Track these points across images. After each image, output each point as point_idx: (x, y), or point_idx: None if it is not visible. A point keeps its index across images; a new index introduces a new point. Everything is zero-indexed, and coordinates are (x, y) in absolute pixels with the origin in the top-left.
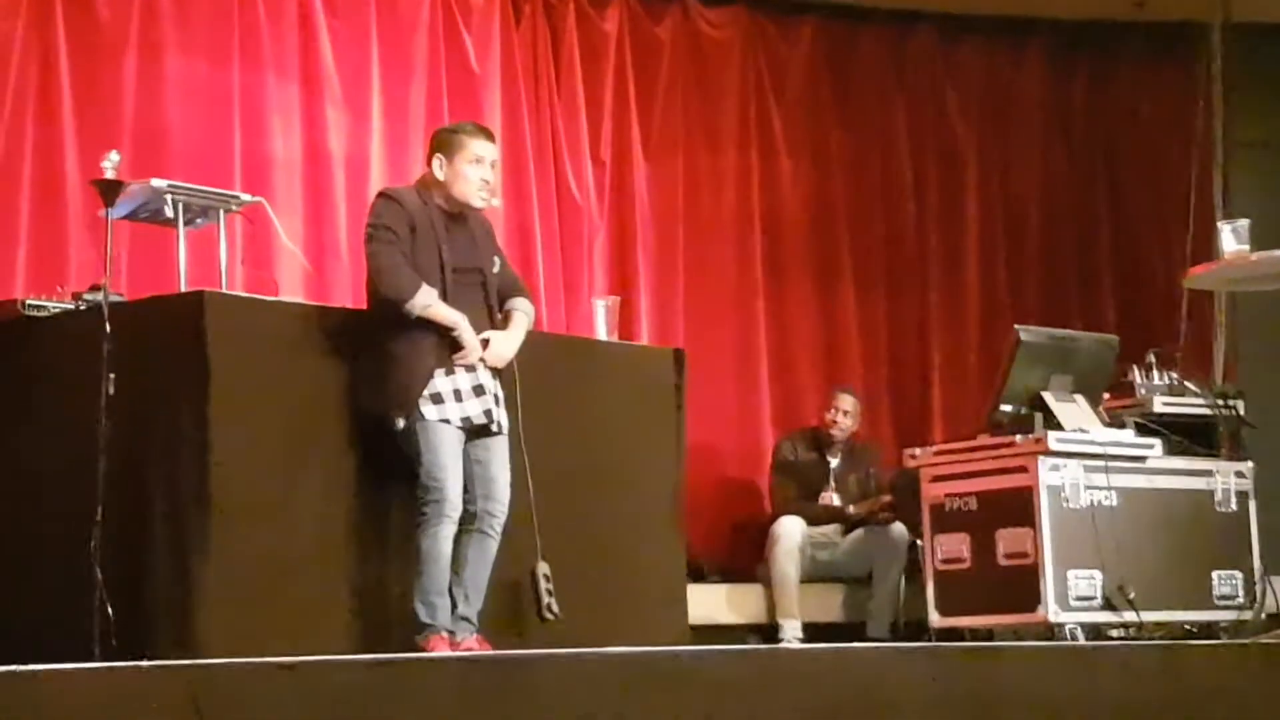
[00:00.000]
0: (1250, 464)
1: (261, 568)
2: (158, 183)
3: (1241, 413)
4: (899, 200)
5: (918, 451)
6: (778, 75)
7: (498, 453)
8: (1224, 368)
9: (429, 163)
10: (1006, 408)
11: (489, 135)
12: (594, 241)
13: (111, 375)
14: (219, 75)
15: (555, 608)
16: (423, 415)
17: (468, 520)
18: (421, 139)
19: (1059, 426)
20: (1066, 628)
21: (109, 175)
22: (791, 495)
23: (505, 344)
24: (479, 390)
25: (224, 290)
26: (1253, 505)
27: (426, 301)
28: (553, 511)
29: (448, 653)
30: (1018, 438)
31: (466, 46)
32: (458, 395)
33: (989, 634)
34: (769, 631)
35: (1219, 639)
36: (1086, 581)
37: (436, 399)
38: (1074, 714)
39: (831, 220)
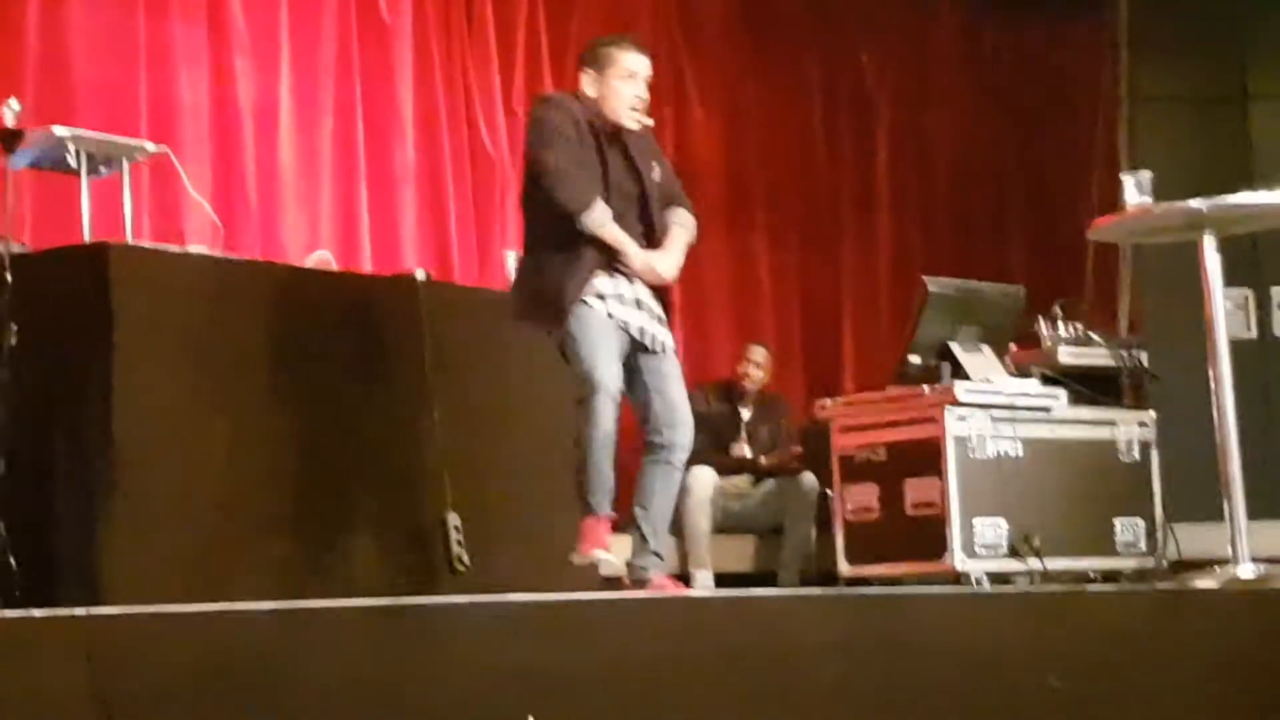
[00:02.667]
0: (1153, 413)
1: (169, 517)
2: (60, 130)
3: (1145, 363)
4: (812, 152)
5: (828, 402)
6: (691, 26)
7: (672, 375)
8: (1128, 319)
9: (578, 78)
10: (915, 359)
11: (643, 49)
12: (506, 193)
13: (14, 326)
14: (124, 21)
15: (465, 558)
16: (590, 306)
17: (652, 451)
18: (331, 89)
19: (966, 377)
20: (973, 575)
21: (9, 123)
22: (703, 446)
23: (665, 263)
24: (639, 304)
25: (129, 241)
26: (1155, 454)
27: (602, 219)
28: (462, 461)
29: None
30: (925, 389)
31: None
32: (622, 300)
33: (897, 582)
34: (681, 581)
35: (1121, 585)
36: (992, 530)
37: (600, 296)
38: (977, 657)
39: (744, 171)
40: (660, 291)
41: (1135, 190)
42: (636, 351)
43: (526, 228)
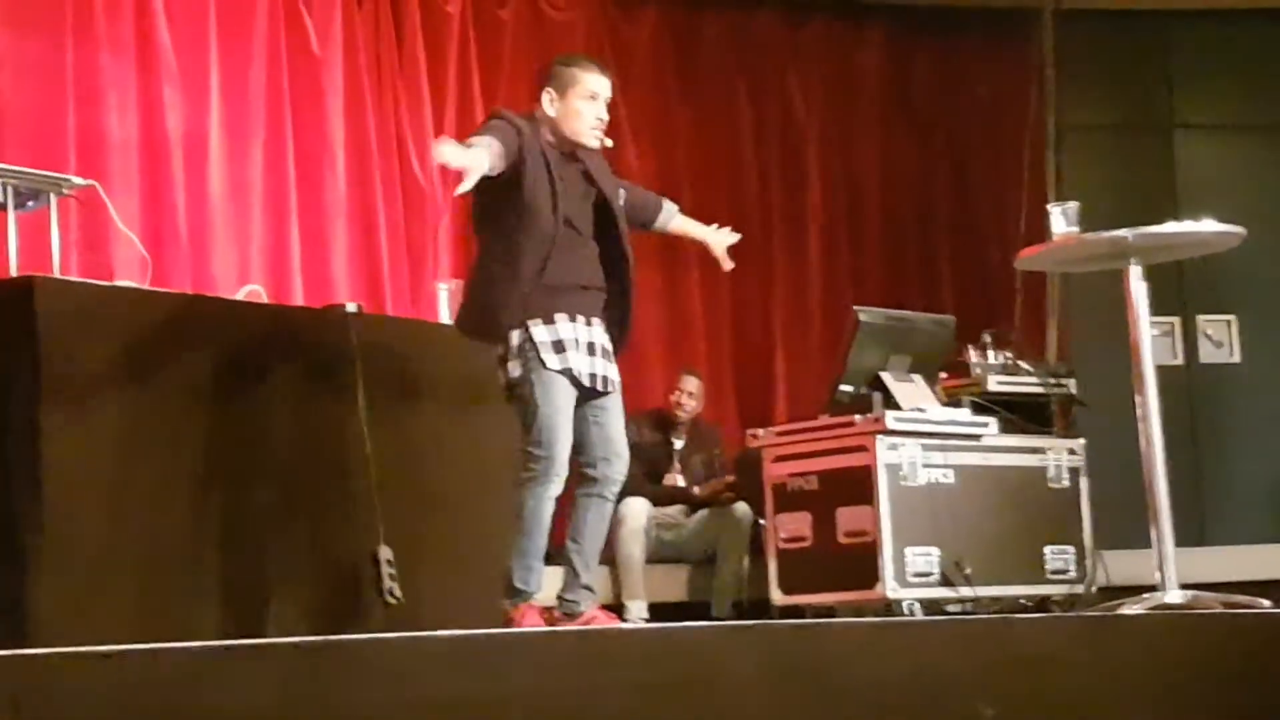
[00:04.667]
0: (1082, 441)
1: (97, 556)
2: None
3: (1073, 391)
4: (742, 181)
5: (760, 432)
6: (621, 57)
7: (613, 410)
8: (1057, 347)
9: (537, 97)
10: (847, 388)
11: (604, 70)
12: (438, 225)
13: None
14: (51, 54)
15: (397, 592)
16: (543, 363)
17: (585, 484)
18: (261, 121)
19: (897, 406)
20: (904, 604)
21: None
22: (637, 476)
23: (720, 238)
24: (591, 348)
25: (56, 275)
26: (1084, 481)
27: (483, 146)
28: (395, 494)
29: (542, 628)
30: (857, 418)
31: (307, 28)
32: (577, 345)
33: (830, 611)
34: (614, 612)
35: (1052, 613)
36: (924, 558)
37: (559, 347)
38: (910, 687)
39: (674, 201)
40: (621, 327)
41: (1062, 219)
42: (584, 393)
43: (478, 244)
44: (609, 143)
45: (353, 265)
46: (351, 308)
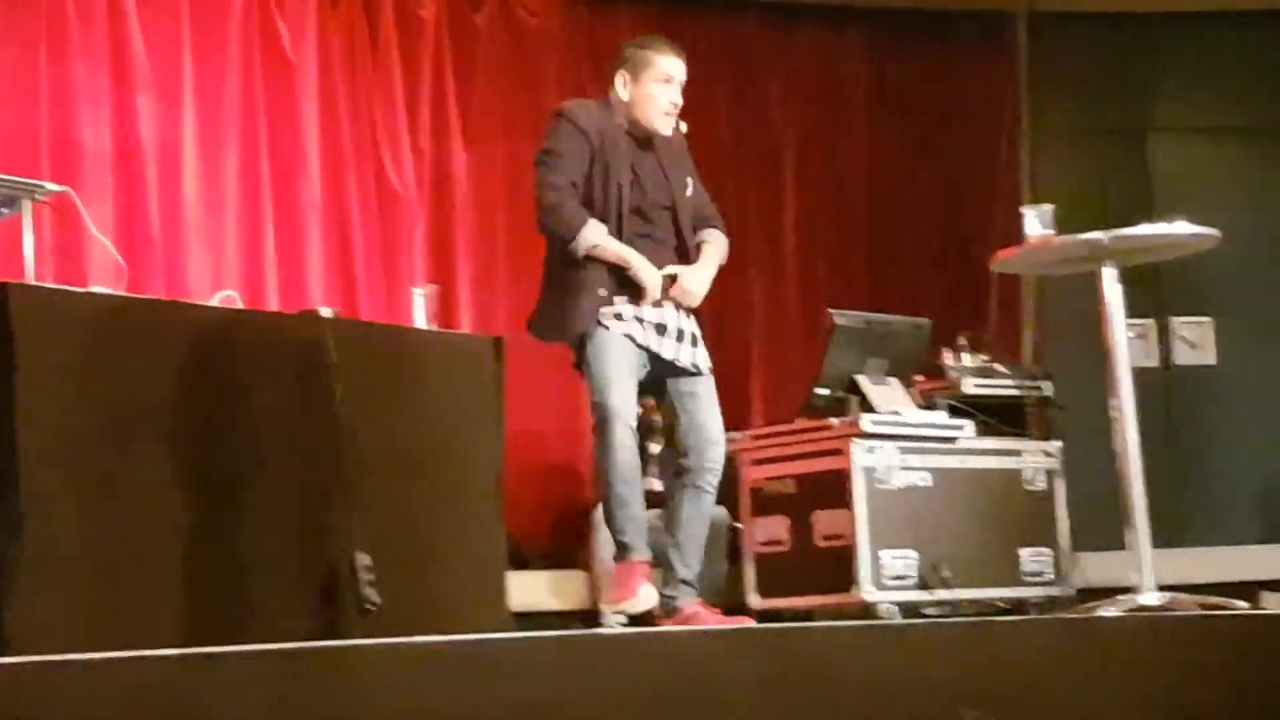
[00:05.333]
0: (1058, 443)
1: (75, 563)
2: None
3: (1049, 393)
4: (720, 185)
5: (736, 435)
6: (597, 63)
7: (701, 396)
8: (1033, 350)
9: (610, 80)
10: (823, 391)
11: (679, 52)
12: (414, 230)
13: None
14: (25, 60)
15: (375, 598)
16: (606, 327)
17: (679, 475)
18: (235, 127)
19: (873, 409)
20: (882, 607)
21: None
22: None
23: (695, 279)
24: (661, 329)
25: (30, 281)
26: (1060, 484)
27: (593, 241)
28: (372, 500)
29: (646, 598)
30: (833, 421)
31: (281, 34)
32: (641, 323)
33: (808, 615)
34: (592, 617)
35: (1028, 615)
36: (901, 561)
37: (620, 317)
38: (888, 691)
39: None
40: (693, 312)
41: (1037, 222)
42: (665, 374)
43: (546, 243)
44: (684, 127)
45: (328, 270)
46: (327, 313)
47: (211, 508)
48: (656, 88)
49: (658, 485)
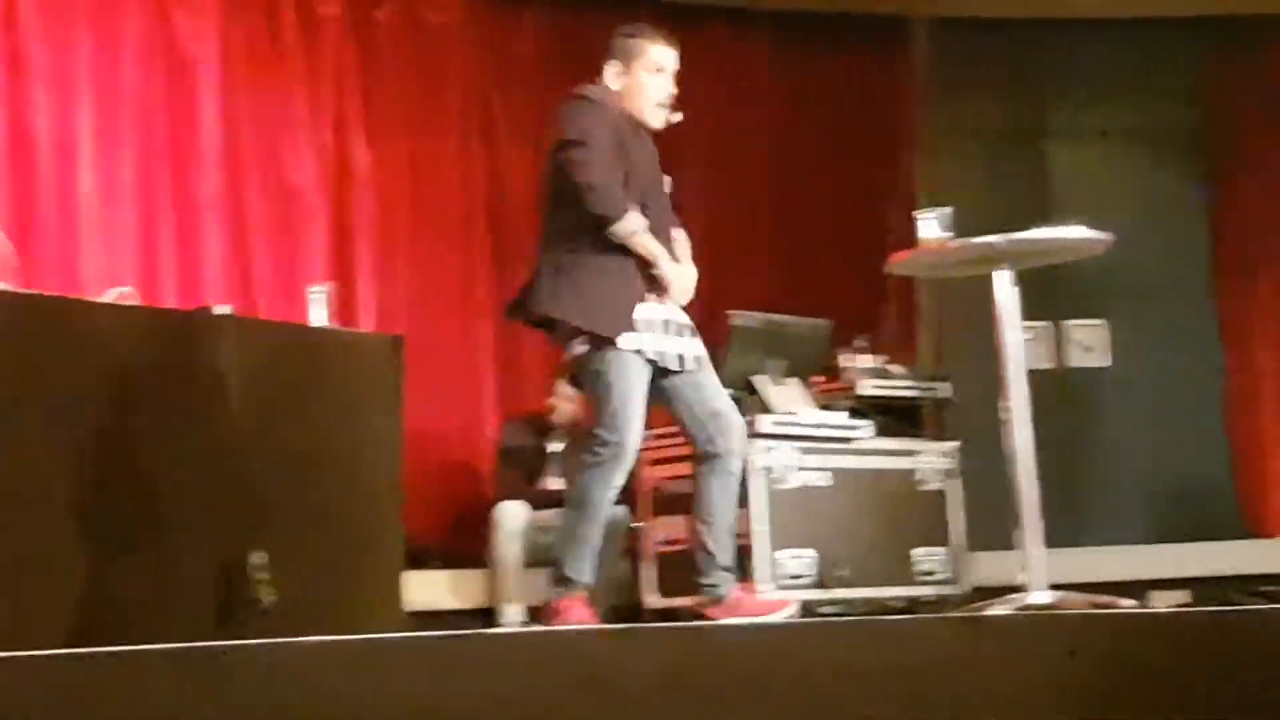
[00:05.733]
0: (954, 444)
1: None
2: None
3: (945, 394)
4: None
5: None
6: (501, 61)
7: (710, 384)
8: (930, 351)
9: (601, 70)
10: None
11: (671, 41)
12: (314, 227)
13: None
14: None
15: (269, 597)
16: (615, 344)
17: (707, 461)
18: (133, 121)
19: (771, 410)
20: None
21: None
22: (514, 480)
23: (686, 278)
24: (667, 326)
25: None
26: (955, 484)
27: (633, 228)
28: (268, 499)
29: (583, 624)
30: None
31: (180, 28)
32: (651, 326)
33: (705, 615)
34: (491, 616)
35: (921, 614)
36: (799, 560)
37: (633, 327)
38: (784, 689)
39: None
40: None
41: (933, 226)
42: (667, 374)
43: (557, 229)
44: (677, 117)
45: (226, 267)
46: (223, 310)
47: (104, 506)
48: (648, 77)
49: (557, 484)
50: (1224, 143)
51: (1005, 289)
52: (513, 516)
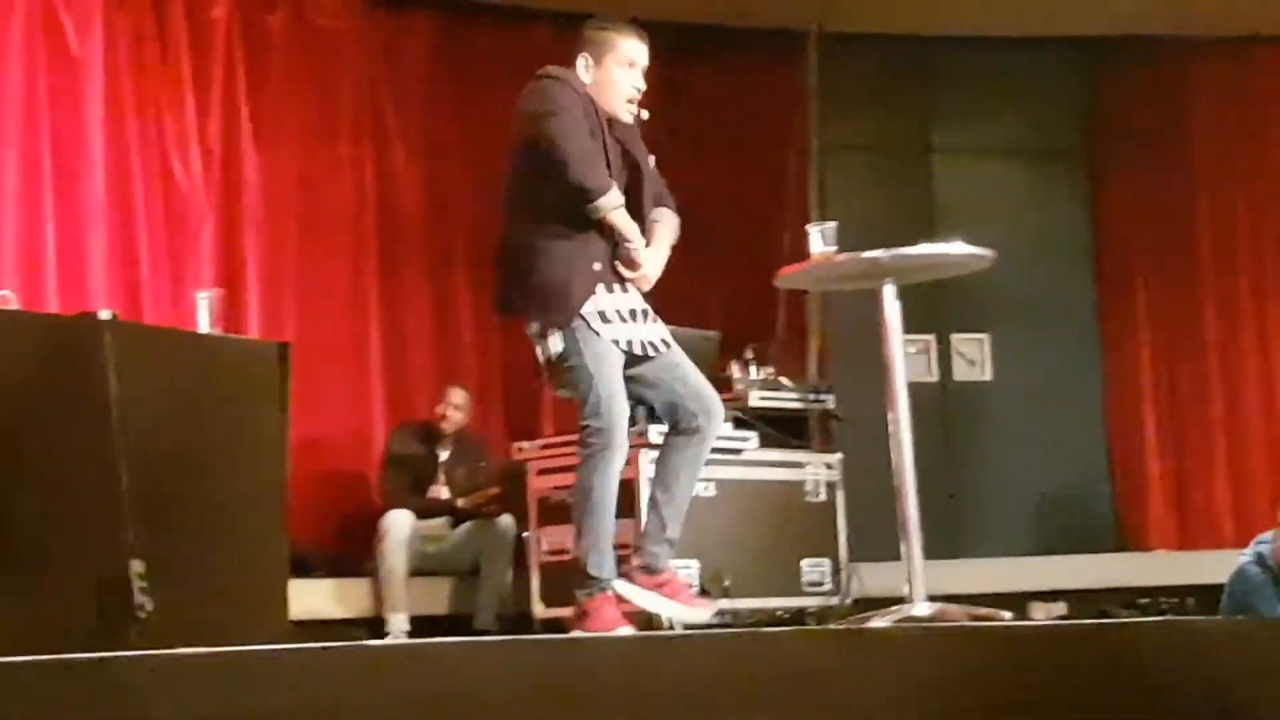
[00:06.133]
0: (839, 455)
1: None
2: None
3: (831, 406)
4: None
5: (525, 445)
6: (392, 67)
7: (684, 364)
8: (817, 363)
9: (573, 63)
10: None
11: (643, 35)
12: (201, 232)
13: None
14: None
15: (148, 605)
16: (595, 332)
17: (684, 433)
18: (16, 122)
19: (660, 420)
20: (664, 616)
21: None
22: (401, 488)
23: (654, 262)
24: (633, 314)
25: None
26: (840, 495)
27: (616, 202)
28: (149, 507)
29: (619, 625)
30: None
31: (66, 29)
32: (620, 316)
33: None
34: (376, 625)
35: (806, 624)
36: (684, 571)
37: (604, 317)
38: (664, 701)
39: (446, 212)
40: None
41: (820, 239)
42: (638, 362)
43: (519, 211)
44: (644, 115)
45: (111, 272)
46: (106, 315)
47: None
48: (620, 71)
49: (445, 493)
50: (1106, 161)
51: (890, 303)
52: (399, 525)
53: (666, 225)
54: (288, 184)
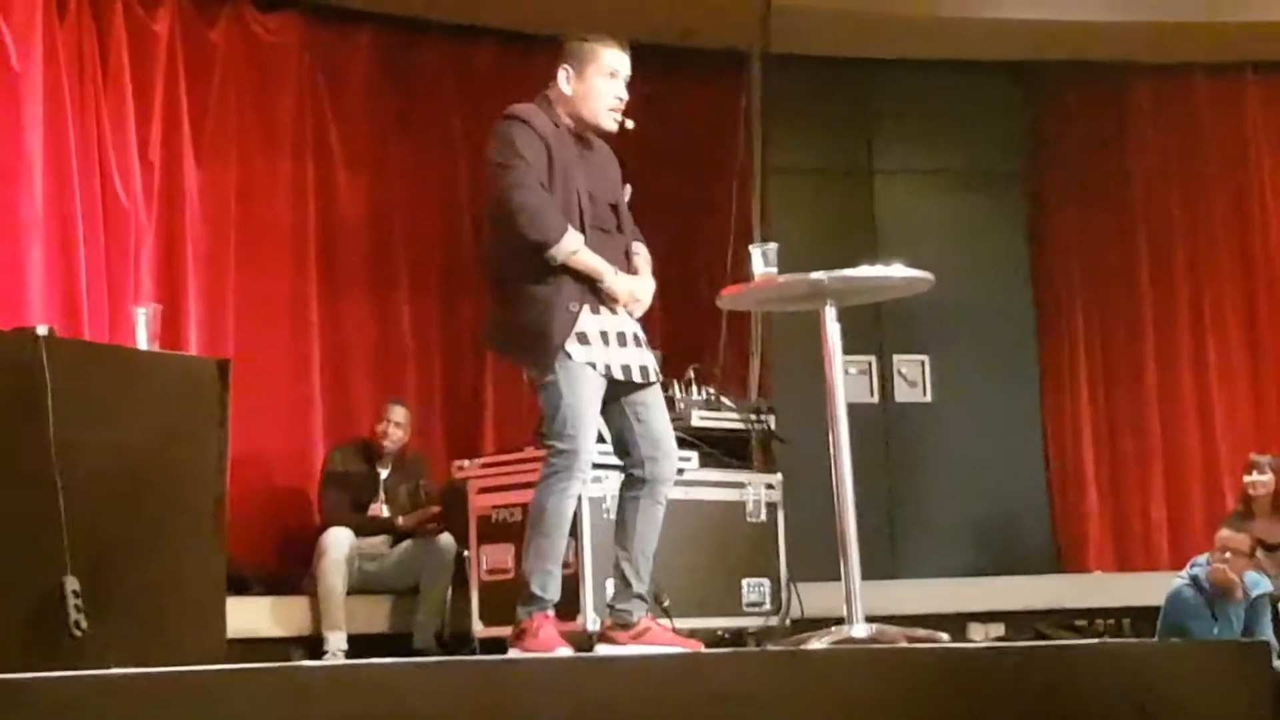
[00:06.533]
0: (779, 476)
1: None
2: None
3: (772, 427)
4: (456, 211)
5: (466, 463)
6: (335, 83)
7: (655, 405)
8: (758, 383)
9: (556, 75)
10: None
11: (625, 45)
12: (141, 247)
13: None
14: None
15: (84, 624)
16: (568, 355)
17: (632, 486)
18: None
19: (601, 439)
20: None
21: None
22: (340, 506)
23: (641, 288)
24: (622, 338)
25: None
26: (781, 515)
27: (572, 247)
28: (85, 524)
29: (553, 652)
30: None
31: (5, 41)
32: (605, 339)
33: None
34: (314, 644)
35: (747, 644)
36: None
37: (583, 339)
38: None
39: (388, 229)
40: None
41: (762, 260)
42: (619, 389)
43: (496, 254)
44: (630, 124)
45: (49, 287)
46: (42, 330)
47: None
48: (602, 81)
49: (385, 511)
50: (1046, 185)
51: (831, 324)
52: (338, 543)
53: (646, 260)
54: (229, 199)
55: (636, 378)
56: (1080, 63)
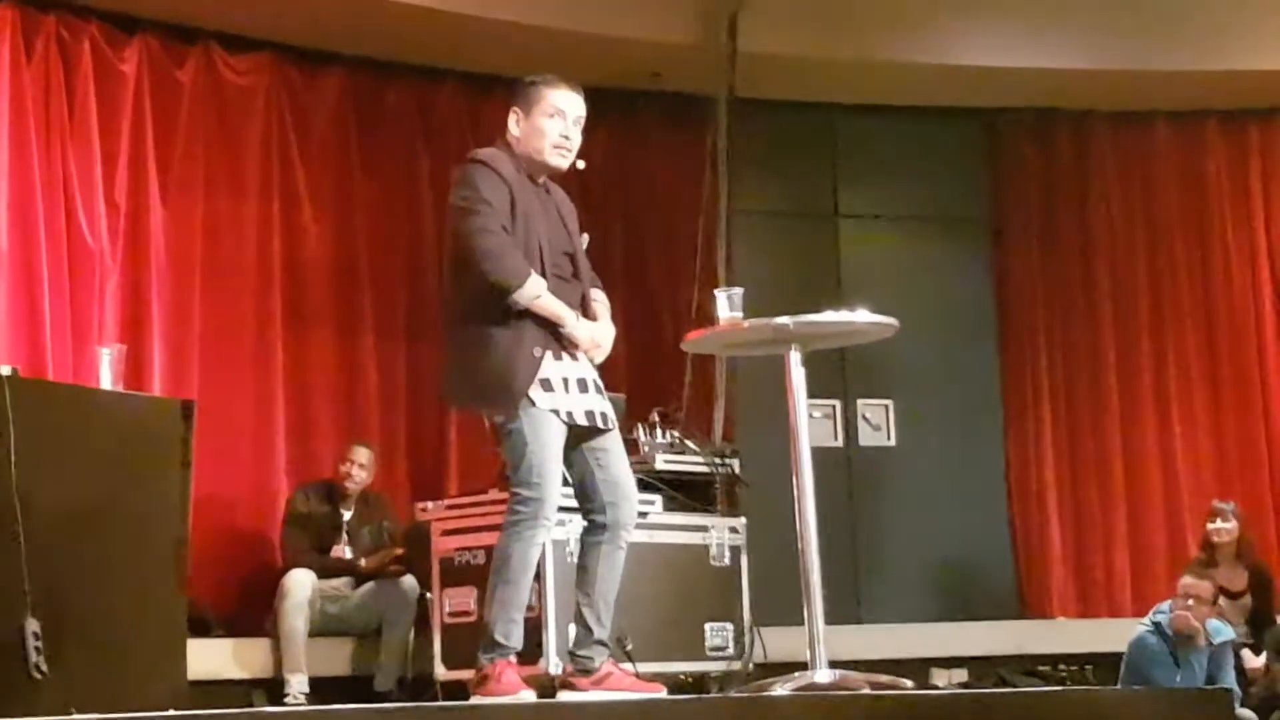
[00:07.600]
0: (743, 519)
1: None
2: None
3: (737, 470)
4: (421, 253)
5: (429, 505)
6: (302, 124)
7: (615, 450)
8: (723, 427)
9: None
10: None
11: (574, 87)
12: (106, 286)
13: None
14: None
15: (44, 666)
16: (532, 402)
17: (593, 532)
18: None
19: (566, 482)
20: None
21: None
22: (303, 547)
23: (602, 333)
24: (582, 384)
25: None
26: (744, 559)
27: (535, 292)
28: (46, 565)
29: (513, 696)
30: None
31: None
32: (566, 385)
33: None
34: (275, 686)
35: (710, 690)
36: None
37: (546, 385)
38: None
39: (353, 270)
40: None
41: (727, 304)
42: (580, 435)
43: (457, 299)
44: (580, 164)
45: (14, 327)
46: (5, 370)
47: None
48: (546, 121)
49: (348, 553)
50: (1008, 230)
51: (795, 369)
52: (300, 585)
53: (605, 305)
54: (194, 239)
55: (599, 424)
56: (1044, 109)
